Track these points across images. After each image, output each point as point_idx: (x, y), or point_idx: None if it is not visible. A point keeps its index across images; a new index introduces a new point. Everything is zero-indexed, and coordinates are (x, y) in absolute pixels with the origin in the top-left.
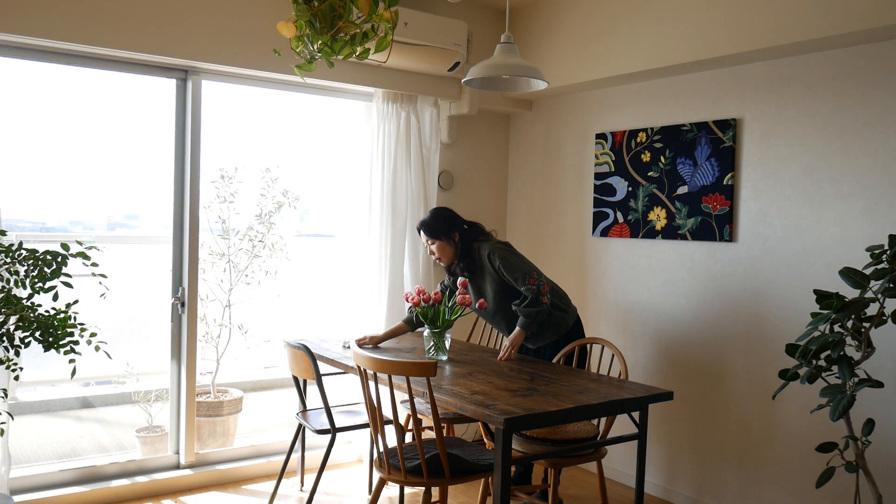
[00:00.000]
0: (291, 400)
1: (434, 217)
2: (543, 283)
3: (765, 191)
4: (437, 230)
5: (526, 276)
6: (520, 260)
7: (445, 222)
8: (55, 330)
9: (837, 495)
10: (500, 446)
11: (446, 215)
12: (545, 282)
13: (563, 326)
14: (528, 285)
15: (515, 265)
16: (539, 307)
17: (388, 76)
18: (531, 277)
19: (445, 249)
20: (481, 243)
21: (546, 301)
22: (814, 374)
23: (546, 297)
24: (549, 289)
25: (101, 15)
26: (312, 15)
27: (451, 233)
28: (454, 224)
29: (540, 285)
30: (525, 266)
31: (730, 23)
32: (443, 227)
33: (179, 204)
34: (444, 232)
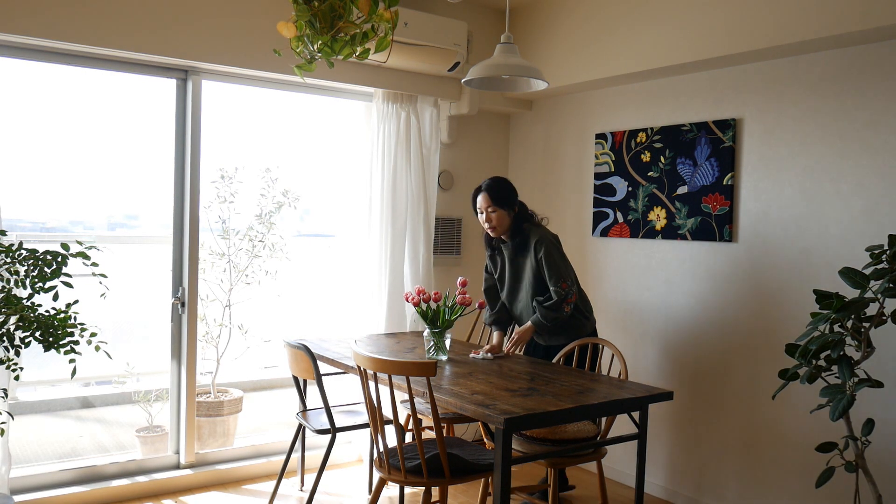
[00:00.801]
0: (291, 400)
1: (501, 184)
2: (573, 292)
3: (765, 191)
4: (502, 198)
5: (560, 278)
6: (561, 259)
7: (510, 193)
8: (55, 330)
9: (837, 495)
10: (500, 446)
11: (510, 186)
12: (575, 291)
13: (580, 331)
14: (558, 287)
15: (555, 263)
16: (559, 313)
17: (388, 76)
18: (564, 281)
19: (504, 220)
20: (532, 226)
21: (568, 311)
22: (814, 374)
23: (569, 307)
24: (575, 299)
25: (102, 15)
26: (312, 15)
27: (513, 204)
28: (515, 196)
29: (569, 293)
30: (564, 267)
31: (730, 23)
32: (507, 197)
33: (179, 204)
34: (509, 202)
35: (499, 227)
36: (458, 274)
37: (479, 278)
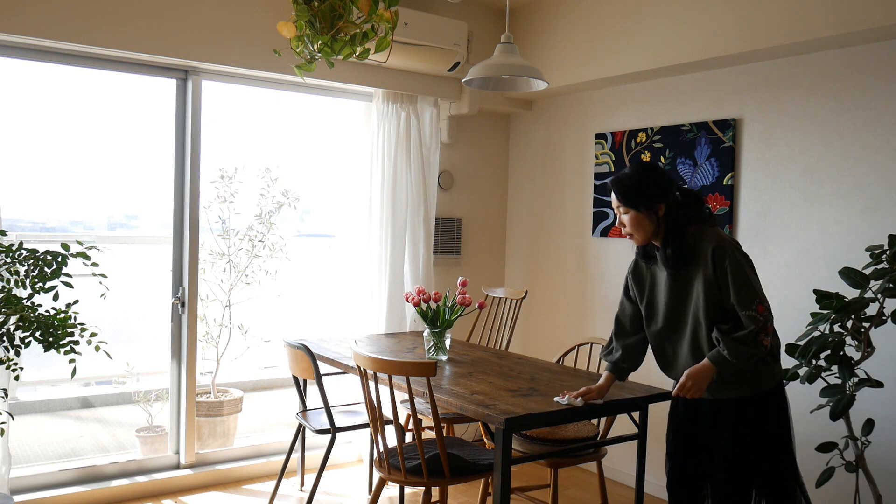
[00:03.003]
0: (291, 400)
1: (634, 174)
2: (771, 320)
3: (765, 191)
4: (635, 195)
5: (756, 299)
6: (753, 272)
7: (651, 187)
8: (55, 330)
9: (837, 495)
10: (500, 446)
11: (655, 178)
12: (771, 318)
13: (762, 382)
14: (754, 312)
15: (746, 278)
16: (756, 349)
17: (388, 76)
18: (761, 304)
19: (642, 224)
20: (702, 229)
21: (766, 344)
22: (814, 374)
23: (767, 339)
24: (772, 329)
25: (102, 15)
26: (312, 15)
27: (656, 203)
28: (663, 191)
29: (768, 320)
30: (757, 284)
31: (730, 23)
32: (645, 193)
33: (179, 204)
34: (647, 200)
35: (636, 235)
36: (458, 274)
37: (479, 278)
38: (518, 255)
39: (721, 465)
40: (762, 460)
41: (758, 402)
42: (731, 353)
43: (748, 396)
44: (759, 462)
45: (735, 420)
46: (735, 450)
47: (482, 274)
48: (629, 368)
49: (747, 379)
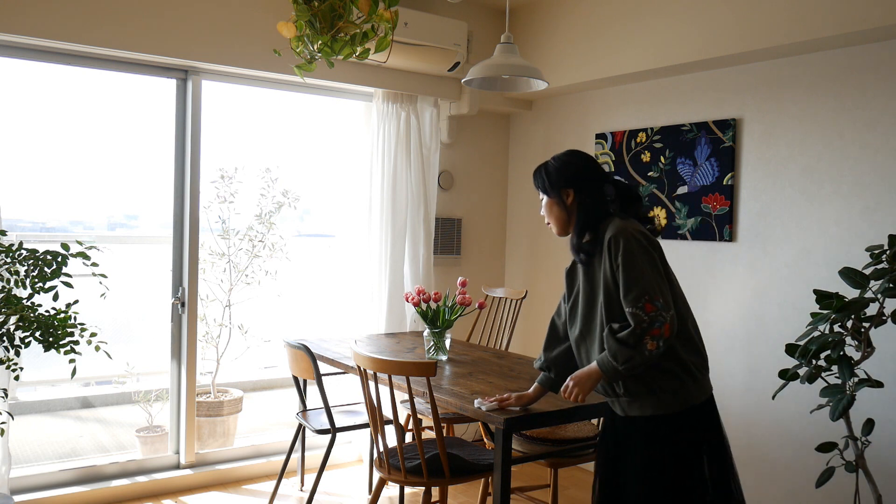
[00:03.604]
0: (291, 400)
1: (556, 160)
2: (666, 321)
3: (765, 191)
4: (543, 179)
5: (644, 294)
6: (650, 265)
7: (562, 171)
8: (55, 330)
9: (837, 495)
10: (500, 446)
11: (573, 161)
12: (669, 320)
13: (676, 401)
14: (639, 309)
15: (638, 269)
16: (637, 352)
17: (388, 76)
18: (649, 302)
19: (552, 211)
20: (615, 219)
21: (653, 348)
22: (814, 374)
23: (656, 344)
24: (670, 333)
25: (102, 15)
26: (312, 15)
27: (563, 188)
28: (578, 176)
29: (659, 320)
30: (652, 278)
31: (730, 23)
32: (552, 177)
33: (179, 204)
34: (553, 184)
35: (551, 222)
36: (458, 274)
37: (479, 278)
38: (518, 255)
39: (631, 483)
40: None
41: (669, 422)
42: (612, 355)
43: (658, 416)
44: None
45: (643, 439)
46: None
47: (482, 274)
48: (556, 378)
49: (657, 395)
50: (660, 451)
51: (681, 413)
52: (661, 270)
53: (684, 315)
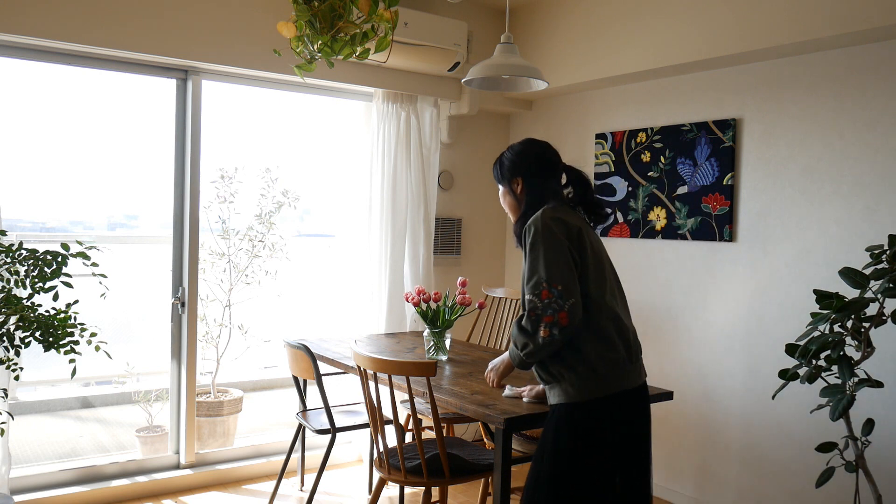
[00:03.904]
0: (291, 400)
1: (510, 151)
2: (562, 309)
3: (765, 191)
4: (500, 169)
5: (542, 281)
6: (555, 252)
7: (516, 160)
8: (55, 330)
9: (837, 495)
10: (500, 446)
11: (524, 151)
12: (568, 309)
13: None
14: (535, 296)
15: (541, 256)
16: (532, 339)
17: (388, 76)
18: (547, 289)
19: (505, 199)
20: (546, 207)
21: (546, 335)
22: (814, 374)
23: (549, 331)
24: (568, 322)
25: (102, 15)
26: (312, 15)
27: (512, 177)
28: (527, 166)
29: (553, 307)
30: (554, 265)
31: (730, 23)
32: (508, 166)
33: (179, 204)
34: (507, 174)
35: (508, 212)
36: (458, 274)
37: (479, 278)
38: (518, 255)
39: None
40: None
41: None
42: (513, 341)
43: (563, 404)
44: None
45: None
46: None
47: (482, 274)
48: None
49: (562, 385)
50: (564, 438)
51: (583, 404)
52: (570, 259)
53: (603, 308)
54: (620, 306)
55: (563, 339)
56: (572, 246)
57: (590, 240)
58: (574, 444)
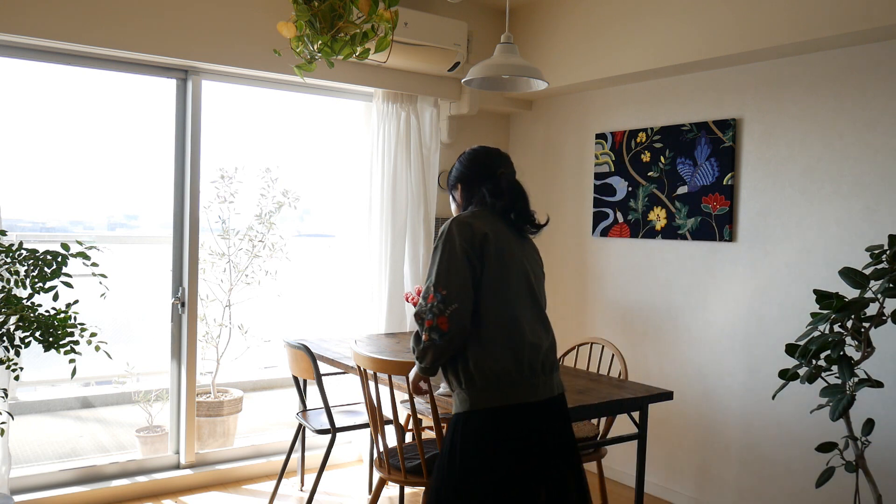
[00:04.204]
0: (291, 400)
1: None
2: (442, 314)
3: (765, 191)
4: (448, 176)
5: (430, 286)
6: (449, 257)
7: (457, 168)
8: (55, 330)
9: (837, 495)
10: None
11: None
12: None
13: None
14: (423, 299)
15: (436, 261)
16: (414, 343)
17: (388, 76)
18: (433, 293)
19: (452, 206)
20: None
21: (426, 339)
22: (814, 374)
23: (429, 336)
24: (448, 328)
25: (102, 15)
26: (312, 15)
27: (455, 184)
28: (464, 174)
29: (433, 312)
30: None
31: (730, 23)
32: (454, 174)
33: (179, 204)
34: (453, 180)
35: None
36: None
37: None
38: None
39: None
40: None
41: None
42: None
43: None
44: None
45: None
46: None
47: None
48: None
49: (455, 394)
50: (456, 448)
51: (475, 414)
52: (464, 265)
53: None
54: (528, 318)
55: (447, 344)
56: (473, 252)
57: (498, 248)
58: (464, 454)
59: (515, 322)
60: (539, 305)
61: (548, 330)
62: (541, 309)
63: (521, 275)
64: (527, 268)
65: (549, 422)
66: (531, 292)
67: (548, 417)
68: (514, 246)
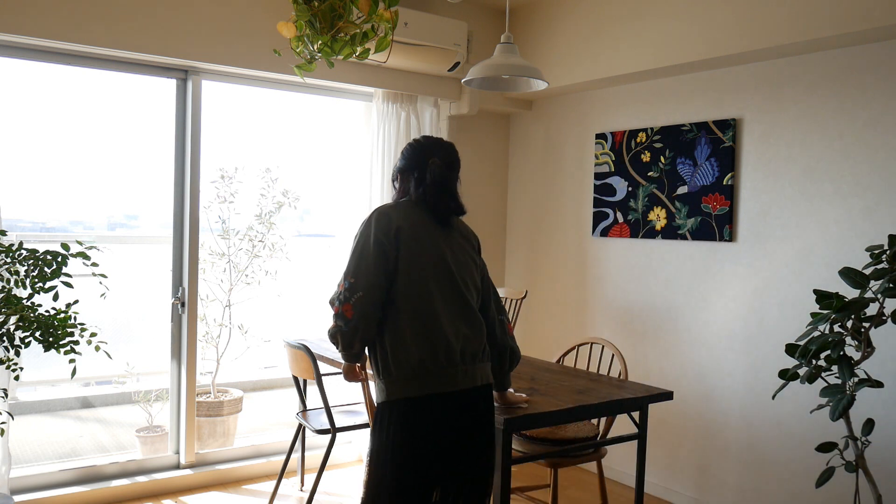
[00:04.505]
0: (291, 400)
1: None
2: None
3: (765, 191)
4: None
5: (343, 274)
6: (361, 247)
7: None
8: (55, 330)
9: (837, 495)
10: (500, 446)
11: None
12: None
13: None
14: (336, 288)
15: (352, 250)
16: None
17: (388, 76)
18: (343, 282)
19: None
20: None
21: (333, 327)
22: (814, 374)
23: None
24: (352, 315)
25: (102, 15)
26: (312, 15)
27: (397, 174)
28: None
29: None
30: (354, 260)
31: (730, 23)
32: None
33: (179, 204)
34: (394, 170)
35: None
36: None
37: None
38: (518, 255)
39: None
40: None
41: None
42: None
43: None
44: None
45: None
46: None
47: None
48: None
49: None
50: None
51: (387, 404)
52: (376, 254)
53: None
54: (447, 307)
55: (352, 331)
56: (387, 242)
57: (413, 237)
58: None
59: (431, 311)
60: (461, 294)
61: (470, 319)
62: (463, 297)
63: (440, 264)
64: (447, 257)
65: (468, 411)
66: (451, 281)
67: (468, 407)
68: (433, 235)
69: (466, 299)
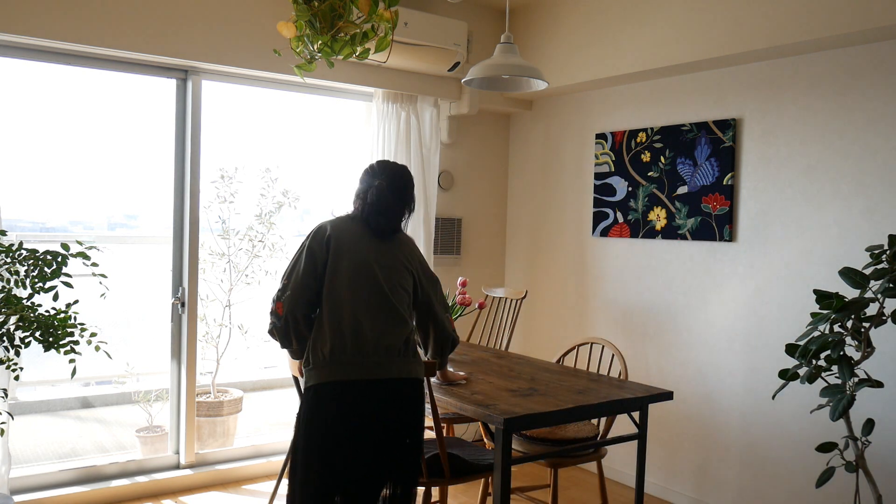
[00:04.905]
0: (291, 400)
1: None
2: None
3: (765, 191)
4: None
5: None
6: (297, 253)
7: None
8: (55, 330)
9: (837, 495)
10: (500, 446)
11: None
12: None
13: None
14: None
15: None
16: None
17: (388, 76)
18: (280, 283)
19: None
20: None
21: (269, 322)
22: (814, 374)
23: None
24: (283, 312)
25: (102, 15)
26: (312, 15)
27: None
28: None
29: (273, 298)
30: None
31: (730, 23)
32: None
33: (179, 204)
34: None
35: None
36: (458, 274)
37: (479, 278)
38: (518, 255)
39: None
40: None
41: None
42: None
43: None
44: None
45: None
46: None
47: (482, 274)
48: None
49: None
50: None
51: (306, 390)
52: (308, 260)
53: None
54: (367, 307)
55: (284, 326)
56: (318, 249)
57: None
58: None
59: (348, 308)
60: (385, 295)
61: (391, 318)
62: (387, 298)
63: (363, 269)
64: (373, 263)
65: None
66: (375, 284)
67: (380, 396)
68: (362, 245)
69: (390, 300)
